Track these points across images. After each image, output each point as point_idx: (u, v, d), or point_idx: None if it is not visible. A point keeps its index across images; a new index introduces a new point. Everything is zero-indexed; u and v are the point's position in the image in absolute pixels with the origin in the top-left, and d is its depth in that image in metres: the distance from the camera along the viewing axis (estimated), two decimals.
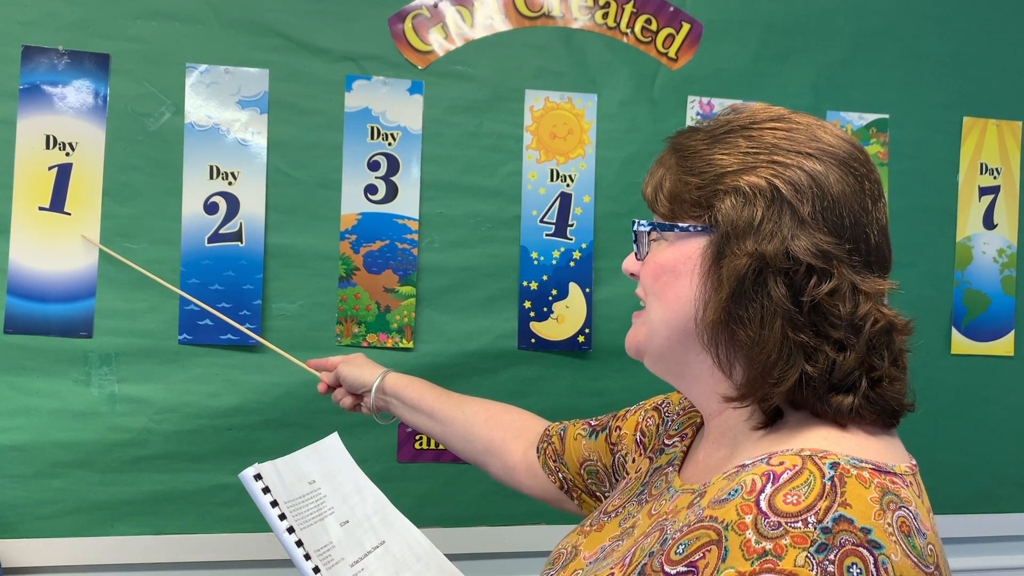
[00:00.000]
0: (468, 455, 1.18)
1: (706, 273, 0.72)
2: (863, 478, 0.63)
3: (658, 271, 0.76)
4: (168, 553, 1.43)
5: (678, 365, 0.77)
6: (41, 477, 1.39)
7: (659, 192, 0.77)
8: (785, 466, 0.64)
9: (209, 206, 1.43)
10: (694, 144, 0.76)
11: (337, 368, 1.27)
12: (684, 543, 0.64)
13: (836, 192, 0.70)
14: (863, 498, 0.61)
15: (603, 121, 1.56)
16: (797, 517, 0.60)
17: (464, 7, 1.51)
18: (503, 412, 1.18)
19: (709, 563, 0.61)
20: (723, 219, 0.71)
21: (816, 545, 0.59)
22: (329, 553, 0.95)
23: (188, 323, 1.42)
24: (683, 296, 0.74)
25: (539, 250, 1.54)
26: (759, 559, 0.59)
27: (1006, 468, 1.73)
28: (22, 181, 1.37)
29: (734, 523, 0.62)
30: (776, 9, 1.61)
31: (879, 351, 0.70)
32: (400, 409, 1.21)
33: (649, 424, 1.00)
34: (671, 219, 0.76)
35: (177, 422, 1.42)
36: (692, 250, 0.73)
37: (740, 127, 0.75)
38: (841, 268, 0.69)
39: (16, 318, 1.37)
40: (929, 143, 1.68)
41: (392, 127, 1.49)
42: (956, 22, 1.68)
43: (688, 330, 0.74)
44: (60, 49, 1.38)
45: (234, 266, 1.44)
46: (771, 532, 0.60)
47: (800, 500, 0.61)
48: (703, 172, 0.73)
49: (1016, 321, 1.72)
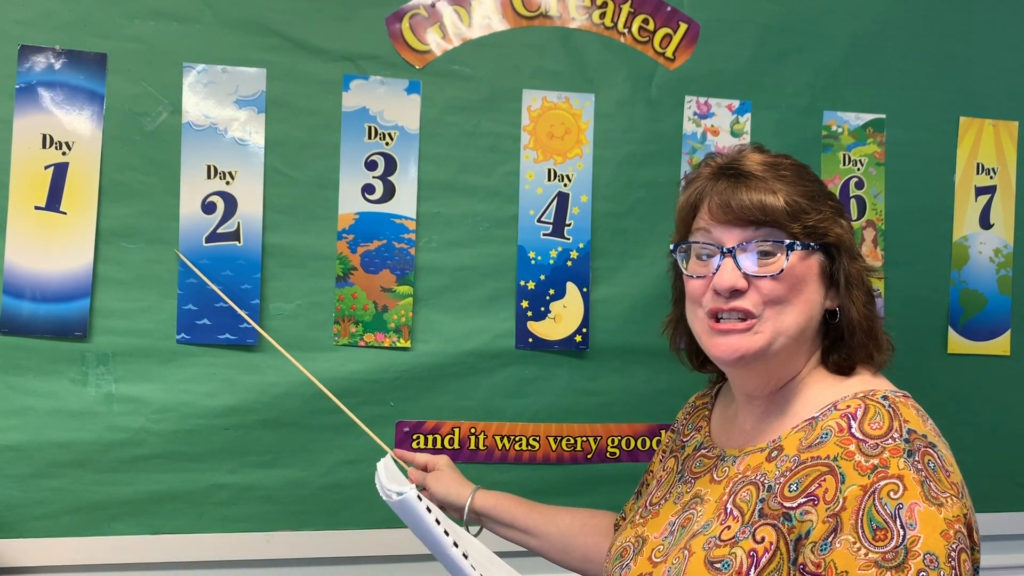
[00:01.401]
0: (568, 564, 1.24)
1: (823, 276, 0.94)
2: (903, 402, 0.87)
3: (796, 281, 0.92)
4: (165, 553, 1.43)
5: (779, 359, 0.94)
6: (38, 477, 1.39)
7: (797, 207, 0.93)
8: (852, 408, 0.87)
9: (207, 206, 1.43)
10: (787, 174, 0.95)
11: (426, 480, 1.27)
12: (795, 482, 0.84)
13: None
14: (912, 415, 0.86)
15: (600, 121, 1.56)
16: (886, 435, 0.83)
17: (461, 7, 1.51)
18: (591, 517, 1.25)
19: (828, 489, 0.81)
20: (834, 236, 0.94)
21: (906, 452, 0.81)
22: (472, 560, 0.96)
23: (186, 323, 1.42)
24: (812, 300, 0.93)
25: (536, 250, 1.54)
26: (873, 472, 0.80)
27: (1003, 467, 1.73)
28: (18, 180, 1.37)
29: (840, 454, 0.83)
30: (773, 9, 1.61)
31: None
32: (492, 525, 1.25)
33: (667, 443, 1.16)
34: (803, 237, 0.93)
35: (174, 422, 1.42)
36: (812, 263, 0.93)
37: (791, 163, 0.97)
38: None
39: (11, 318, 1.37)
40: (925, 143, 1.68)
41: (389, 127, 1.49)
42: (953, 22, 1.68)
43: (812, 327, 0.94)
44: (57, 48, 1.38)
45: (232, 265, 1.43)
46: (873, 451, 0.82)
47: (881, 425, 0.84)
48: (813, 197, 0.94)
49: (1012, 320, 1.72)
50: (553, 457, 1.56)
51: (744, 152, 0.98)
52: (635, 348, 1.57)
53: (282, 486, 1.46)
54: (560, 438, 1.56)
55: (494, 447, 1.54)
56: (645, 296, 1.58)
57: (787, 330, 0.92)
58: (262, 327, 1.44)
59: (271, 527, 1.47)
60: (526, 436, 1.55)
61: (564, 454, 1.56)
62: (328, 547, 1.48)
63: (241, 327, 1.43)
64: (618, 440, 1.58)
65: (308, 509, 1.48)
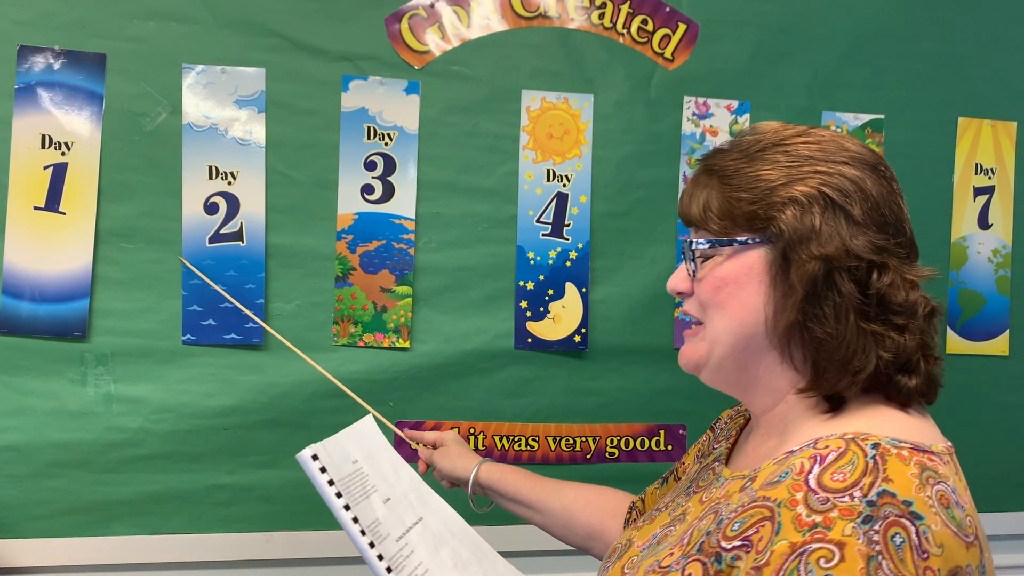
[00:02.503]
0: (570, 540, 1.20)
1: (772, 280, 0.78)
2: (903, 456, 0.69)
3: (719, 284, 0.81)
4: (164, 553, 1.43)
5: (737, 371, 0.82)
6: (37, 477, 1.39)
7: (708, 211, 0.81)
8: (830, 448, 0.70)
9: (209, 206, 1.43)
10: (732, 164, 0.81)
11: (433, 457, 1.28)
12: (739, 521, 0.71)
13: (875, 193, 0.77)
14: (903, 474, 0.67)
15: (599, 121, 1.56)
16: (844, 492, 0.66)
17: (460, 7, 1.51)
18: (598, 495, 1.20)
19: (763, 537, 0.68)
20: (786, 228, 0.77)
21: (862, 517, 0.64)
22: (377, 529, 0.99)
23: (191, 323, 1.42)
24: (749, 304, 0.79)
25: (535, 250, 1.55)
26: (810, 530, 0.65)
27: (1002, 468, 1.73)
28: (17, 180, 1.37)
29: (786, 500, 0.68)
30: (772, 10, 1.61)
31: (930, 332, 0.79)
32: (497, 498, 1.23)
33: (704, 442, 1.07)
34: (725, 235, 0.81)
35: (173, 422, 1.42)
36: (751, 260, 0.79)
37: (771, 144, 0.80)
38: (892, 260, 0.76)
39: (10, 318, 1.37)
40: (924, 143, 1.69)
41: (389, 127, 1.49)
42: (951, 23, 1.68)
43: (755, 335, 0.80)
44: (56, 49, 1.38)
45: (235, 266, 1.44)
46: (820, 507, 0.66)
47: (846, 477, 0.67)
48: (753, 188, 0.79)
49: (1011, 321, 1.72)
50: (552, 457, 1.56)
51: (727, 141, 0.86)
52: (634, 348, 1.57)
53: (281, 486, 1.46)
54: (559, 438, 1.56)
55: (493, 447, 1.54)
56: (644, 296, 1.58)
57: (719, 338, 0.81)
58: (260, 329, 1.44)
59: (270, 527, 1.47)
60: (525, 436, 1.55)
61: (563, 454, 1.57)
62: (327, 547, 1.48)
63: (246, 327, 1.44)
64: (617, 440, 1.59)
65: (307, 509, 1.48)
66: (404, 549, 1.01)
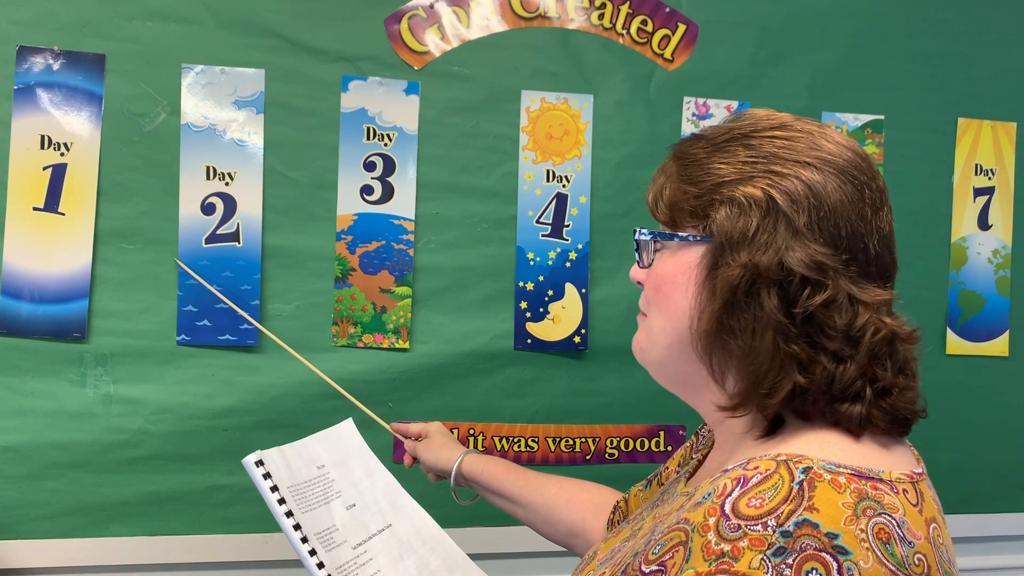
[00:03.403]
0: (551, 537, 1.17)
1: (701, 283, 0.72)
2: (837, 483, 0.62)
3: (659, 282, 0.76)
4: (164, 554, 1.43)
5: (678, 375, 0.77)
6: (36, 478, 1.39)
7: (659, 200, 0.77)
8: (758, 470, 0.63)
9: (206, 207, 1.43)
10: (695, 152, 0.76)
11: (416, 450, 1.26)
12: (661, 543, 0.65)
13: (834, 202, 0.69)
14: (833, 503, 0.60)
15: (599, 122, 1.56)
16: (757, 520, 0.60)
17: (460, 8, 1.51)
18: (581, 491, 1.16)
19: (676, 563, 0.62)
20: (718, 229, 0.70)
21: (774, 548, 0.58)
22: (331, 536, 0.98)
23: (186, 324, 1.42)
24: (680, 306, 0.73)
25: (535, 251, 1.54)
26: (716, 560, 0.59)
27: (1001, 468, 1.73)
28: (16, 181, 1.37)
29: (699, 525, 0.62)
30: (771, 10, 1.61)
31: (881, 361, 0.69)
32: (480, 491, 1.21)
33: (688, 448, 1.02)
34: (672, 228, 0.75)
35: (173, 423, 1.42)
36: (691, 259, 0.73)
37: (741, 135, 0.74)
38: (837, 279, 0.68)
39: (9, 319, 1.37)
40: (924, 144, 1.69)
41: (388, 127, 1.49)
42: (951, 23, 1.68)
43: (685, 341, 0.74)
44: (56, 49, 1.38)
45: (232, 266, 1.43)
46: (730, 534, 0.60)
47: (764, 503, 0.61)
48: (701, 181, 0.73)
49: (1011, 321, 1.72)
50: (552, 458, 1.56)
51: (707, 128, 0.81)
52: None
53: None
54: (559, 439, 1.56)
55: (493, 448, 1.54)
56: None
57: (655, 337, 0.76)
58: (255, 330, 1.44)
59: (269, 528, 1.46)
60: (525, 437, 1.55)
61: (563, 455, 1.56)
62: None
63: (241, 328, 1.43)
64: (617, 441, 1.58)
65: None
66: (361, 556, 1.00)
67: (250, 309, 1.43)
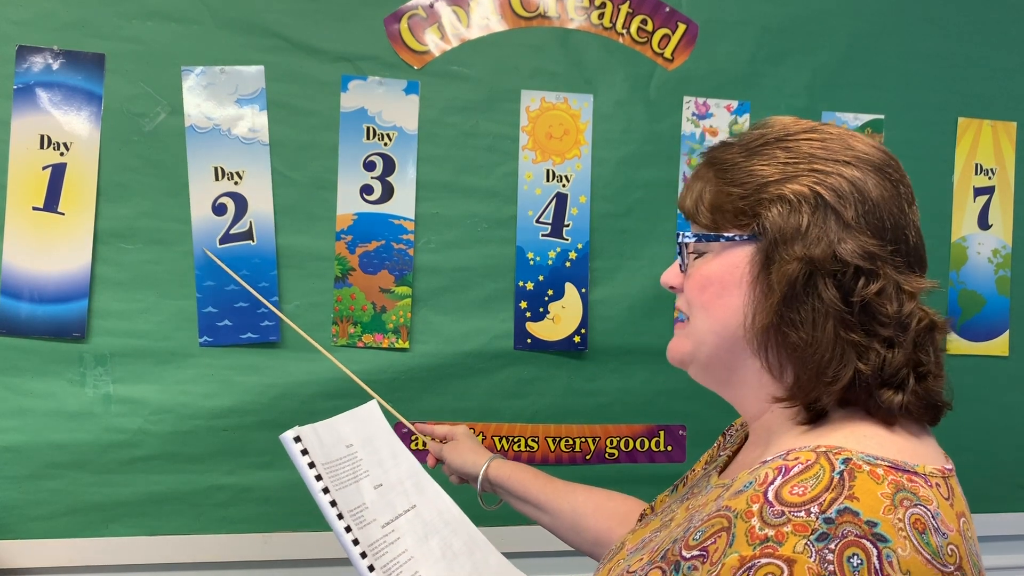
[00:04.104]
0: (577, 545, 1.18)
1: (754, 280, 0.75)
2: (876, 474, 0.65)
3: (704, 283, 0.78)
4: (163, 554, 1.43)
5: (724, 372, 0.80)
6: (36, 478, 1.39)
7: (700, 204, 0.79)
8: (799, 460, 0.67)
9: (217, 207, 1.43)
10: (731, 157, 0.78)
11: (443, 451, 1.27)
12: (701, 530, 0.68)
13: (875, 196, 0.73)
14: (873, 493, 0.63)
15: (599, 121, 1.56)
16: (800, 507, 0.63)
17: (460, 7, 1.51)
18: (608, 500, 1.17)
19: (718, 548, 0.65)
20: (771, 226, 0.73)
21: (817, 534, 0.61)
22: (362, 514, 1.00)
23: (207, 325, 1.42)
24: (732, 306, 0.76)
25: (535, 250, 1.54)
26: (761, 544, 0.62)
27: (1002, 468, 1.73)
28: (16, 181, 1.37)
29: (743, 512, 0.65)
30: (771, 10, 1.61)
31: (924, 347, 0.74)
32: (506, 496, 1.22)
33: (715, 448, 1.04)
34: (714, 230, 0.78)
35: (172, 423, 1.42)
36: (738, 259, 0.76)
37: (775, 139, 0.77)
38: (886, 269, 0.72)
39: (9, 318, 1.37)
40: (924, 144, 1.69)
41: (388, 127, 1.49)
42: (951, 23, 1.68)
43: (737, 338, 0.76)
44: (55, 49, 1.38)
45: (248, 265, 1.44)
46: (774, 520, 0.63)
47: (806, 491, 0.64)
48: (744, 183, 0.76)
49: (1011, 321, 1.72)
50: (552, 458, 1.56)
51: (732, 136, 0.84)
52: (634, 349, 1.57)
53: (280, 487, 1.46)
54: (559, 439, 1.56)
55: (493, 448, 1.53)
56: (644, 297, 1.58)
57: (703, 339, 0.79)
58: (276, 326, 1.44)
59: (269, 528, 1.47)
60: (525, 437, 1.55)
61: (563, 455, 1.56)
62: (326, 548, 1.48)
63: (262, 325, 1.44)
64: (616, 441, 1.58)
65: (306, 510, 1.47)
66: (390, 536, 1.01)
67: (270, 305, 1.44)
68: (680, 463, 1.61)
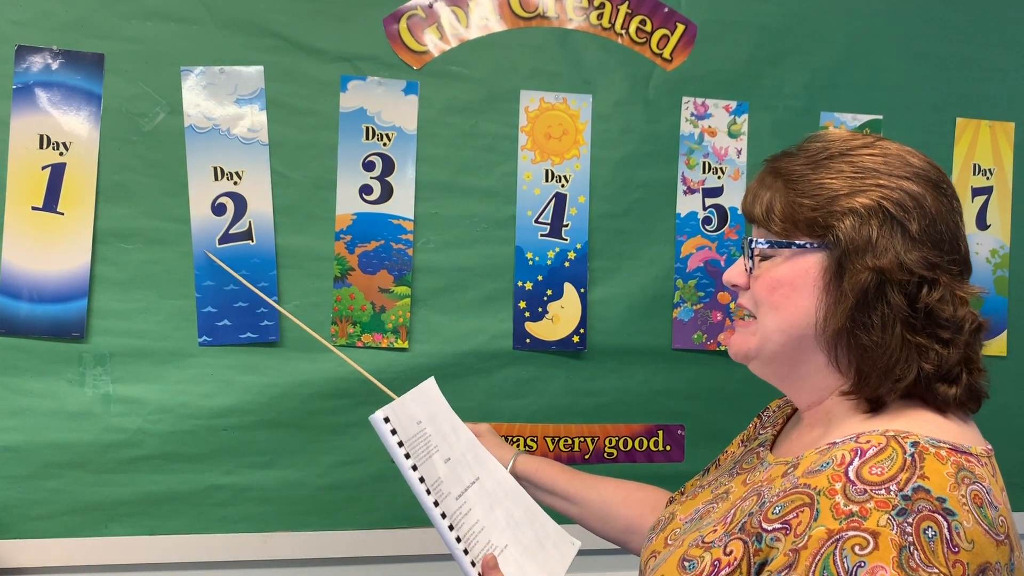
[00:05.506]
0: (607, 534, 1.22)
1: (826, 285, 0.82)
2: (940, 455, 0.74)
3: (774, 284, 0.85)
4: (163, 554, 1.43)
5: (786, 367, 0.87)
6: (35, 478, 1.39)
7: (771, 212, 0.85)
8: (871, 443, 0.76)
9: (216, 207, 1.43)
10: (798, 169, 0.85)
11: None
12: (780, 505, 0.76)
13: (934, 210, 0.81)
14: (940, 472, 0.72)
15: (598, 122, 1.56)
16: (881, 485, 0.72)
17: (459, 7, 1.51)
18: (637, 490, 1.23)
19: (802, 522, 0.73)
20: (844, 237, 0.81)
21: (897, 509, 0.70)
22: (439, 488, 1.04)
23: (207, 325, 1.42)
24: (801, 307, 0.84)
25: (534, 250, 1.55)
26: (846, 519, 0.70)
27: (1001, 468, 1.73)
28: (15, 180, 1.37)
29: (825, 489, 0.74)
30: (770, 10, 1.61)
31: (974, 346, 0.83)
32: (533, 490, 1.24)
33: (751, 429, 1.11)
34: (786, 237, 0.85)
35: (172, 423, 1.42)
36: (809, 265, 0.83)
37: (839, 153, 0.84)
38: (943, 277, 0.80)
39: (8, 318, 1.37)
40: (922, 144, 1.64)
41: (387, 127, 1.49)
42: (949, 23, 1.68)
43: (805, 336, 0.84)
44: (54, 49, 1.38)
45: (247, 265, 1.44)
46: (858, 497, 0.71)
47: (884, 472, 0.73)
48: (815, 195, 0.83)
49: (1009, 321, 1.72)
50: (551, 457, 1.56)
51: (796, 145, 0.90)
52: (633, 349, 1.58)
53: (280, 487, 1.46)
54: (558, 439, 1.56)
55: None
56: (643, 297, 1.58)
57: (771, 336, 0.86)
58: (275, 326, 1.44)
59: (269, 528, 1.47)
60: (524, 437, 1.55)
61: (562, 454, 1.57)
62: (326, 548, 1.48)
63: (262, 324, 1.44)
64: (616, 440, 1.59)
65: (306, 510, 1.48)
66: (463, 507, 1.05)
67: (270, 305, 1.44)
68: (679, 463, 1.61)
